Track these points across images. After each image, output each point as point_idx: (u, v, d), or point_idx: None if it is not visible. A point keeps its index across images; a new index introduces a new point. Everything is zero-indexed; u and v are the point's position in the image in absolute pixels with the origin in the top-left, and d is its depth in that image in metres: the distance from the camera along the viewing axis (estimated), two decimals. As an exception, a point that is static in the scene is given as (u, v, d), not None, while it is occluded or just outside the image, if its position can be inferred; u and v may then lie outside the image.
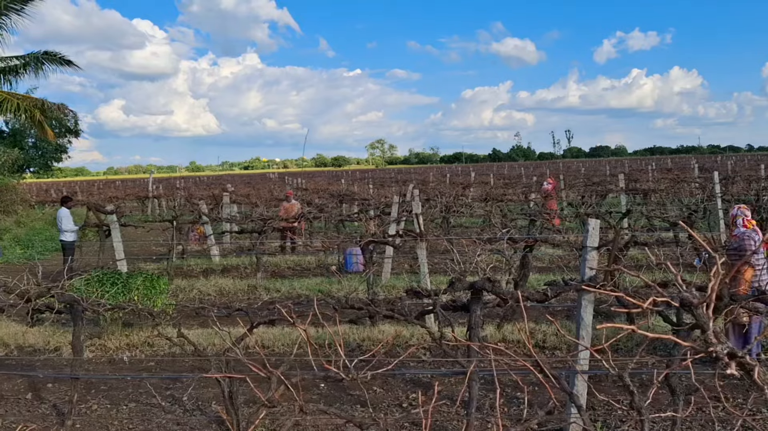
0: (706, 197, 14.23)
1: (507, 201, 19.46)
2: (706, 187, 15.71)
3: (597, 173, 39.44)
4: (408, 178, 42.89)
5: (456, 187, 26.45)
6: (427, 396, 6.47)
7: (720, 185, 14.38)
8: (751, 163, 46.12)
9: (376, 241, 9.26)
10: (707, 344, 1.59)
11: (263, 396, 2.67)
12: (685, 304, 1.84)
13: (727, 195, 15.16)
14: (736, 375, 1.58)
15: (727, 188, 17.05)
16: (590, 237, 5.31)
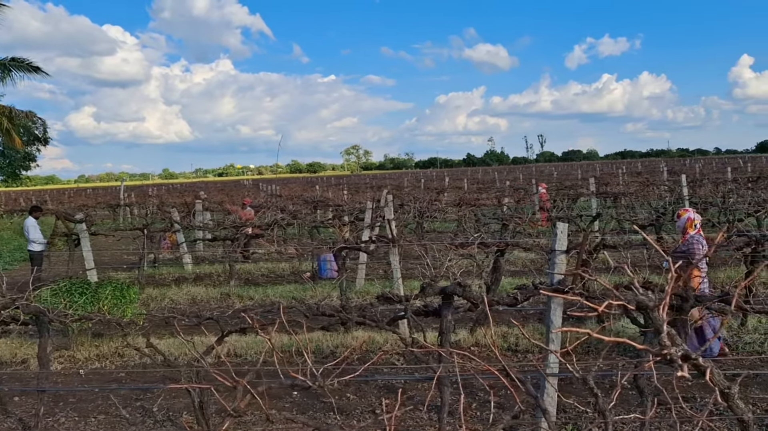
0: (675, 200, 14.46)
1: (480, 205, 19.57)
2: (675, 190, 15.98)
3: (569, 177, 39.89)
4: (383, 183, 42.97)
5: (430, 192, 26.55)
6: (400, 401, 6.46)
7: (688, 188, 14.63)
8: (718, 165, 46.99)
9: (348, 247, 9.25)
10: (662, 346, 1.62)
11: (229, 407, 2.65)
12: (641, 307, 1.87)
13: (695, 197, 15.43)
14: (688, 377, 1.61)
15: (694, 191, 17.34)
16: (559, 240, 5.37)
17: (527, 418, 5.45)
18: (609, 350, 7.47)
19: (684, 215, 7.36)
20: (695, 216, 7.32)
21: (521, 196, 22.24)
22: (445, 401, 5.01)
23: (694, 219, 7.26)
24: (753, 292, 8.27)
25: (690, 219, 7.25)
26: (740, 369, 6.87)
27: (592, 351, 7.51)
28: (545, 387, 5.10)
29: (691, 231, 7.19)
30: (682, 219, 7.31)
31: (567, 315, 5.97)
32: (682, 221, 7.30)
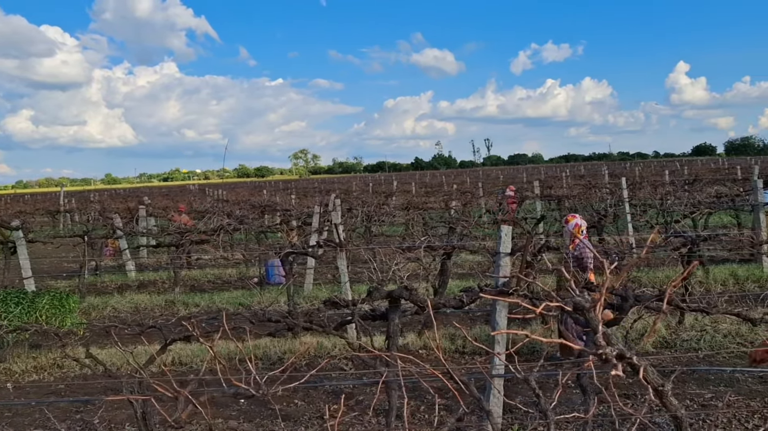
0: (615, 202, 14.86)
1: (428, 209, 19.72)
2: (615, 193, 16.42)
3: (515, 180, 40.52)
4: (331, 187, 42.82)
5: (379, 196, 26.60)
6: (348, 406, 6.45)
7: (628, 190, 15.05)
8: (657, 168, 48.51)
9: (295, 252, 9.18)
10: (597, 346, 1.65)
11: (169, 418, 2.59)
12: (577, 308, 1.91)
13: (635, 200, 15.88)
14: (621, 376, 1.65)
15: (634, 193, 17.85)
16: (503, 243, 5.45)
17: (474, 419, 5.50)
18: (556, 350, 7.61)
19: (572, 221, 7.41)
20: (582, 222, 7.40)
21: (468, 200, 22.51)
22: (392, 405, 5.02)
23: (581, 225, 7.33)
24: (689, 291, 8.56)
25: (578, 225, 7.31)
26: (678, 365, 7.09)
27: (538, 352, 7.65)
28: (491, 389, 5.16)
29: (579, 236, 7.24)
30: (570, 225, 7.36)
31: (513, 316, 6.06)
32: (570, 227, 7.34)
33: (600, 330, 1.68)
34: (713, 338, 7.77)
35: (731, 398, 6.18)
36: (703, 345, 7.62)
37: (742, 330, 7.78)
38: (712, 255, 11.65)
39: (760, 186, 11.90)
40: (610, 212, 13.85)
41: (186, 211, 19.50)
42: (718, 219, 17.53)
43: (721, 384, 6.59)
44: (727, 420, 5.70)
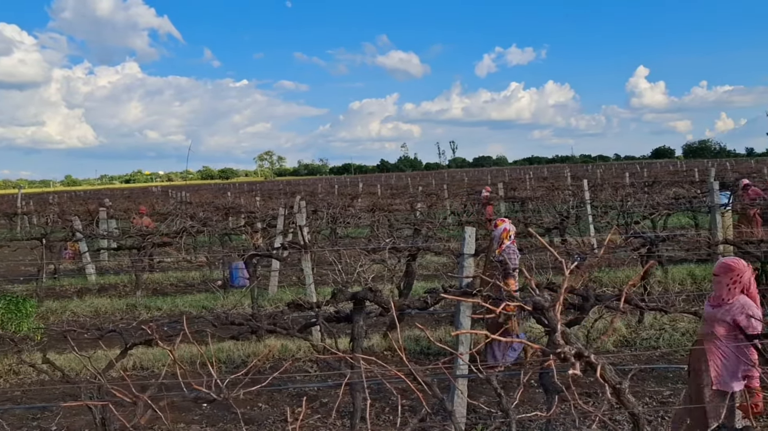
0: (577, 203, 15.08)
1: (394, 211, 19.74)
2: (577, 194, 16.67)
3: (479, 182, 40.82)
4: (297, 189, 42.58)
5: (344, 198, 26.55)
6: (312, 408, 6.42)
7: (589, 192, 15.29)
8: (618, 171, 49.36)
9: (259, 254, 9.11)
10: (555, 345, 1.67)
11: (128, 423, 2.54)
12: (537, 308, 1.93)
13: (596, 201, 16.15)
14: (579, 374, 1.67)
15: (596, 195, 18.15)
16: (467, 245, 5.49)
17: (439, 420, 5.53)
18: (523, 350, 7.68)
19: (501, 225, 7.41)
20: (510, 227, 7.41)
21: (433, 201, 22.61)
22: (357, 407, 5.01)
23: (510, 230, 7.34)
24: (648, 291, 8.73)
25: (506, 230, 7.31)
26: (638, 363, 7.23)
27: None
28: (455, 389, 5.19)
29: (506, 241, 7.26)
30: (498, 230, 7.34)
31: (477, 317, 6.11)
32: (498, 231, 7.33)
33: (559, 329, 1.70)
34: (671, 336, 7.93)
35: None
36: (661, 344, 7.78)
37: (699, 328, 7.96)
38: (670, 256, 11.89)
39: (716, 188, 12.18)
40: (572, 213, 14.06)
41: (148, 213, 19.19)
42: (676, 220, 17.92)
43: (679, 381, 6.73)
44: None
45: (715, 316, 4.40)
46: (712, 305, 4.49)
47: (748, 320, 4.17)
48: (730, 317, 4.27)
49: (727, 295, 4.35)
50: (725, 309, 4.33)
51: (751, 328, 4.17)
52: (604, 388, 1.73)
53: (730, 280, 4.36)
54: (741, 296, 4.35)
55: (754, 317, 4.16)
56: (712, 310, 4.45)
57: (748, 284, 4.36)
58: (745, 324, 4.18)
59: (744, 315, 4.22)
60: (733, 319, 4.26)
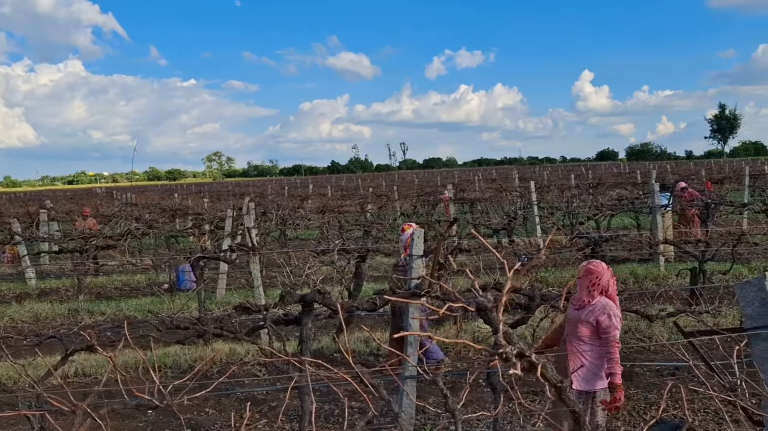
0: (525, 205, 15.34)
1: (344, 212, 19.72)
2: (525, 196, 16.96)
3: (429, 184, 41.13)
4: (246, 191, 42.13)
5: (294, 200, 26.40)
6: (261, 412, 6.36)
7: (536, 194, 15.57)
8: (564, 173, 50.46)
9: (206, 257, 8.96)
10: (498, 345, 1.70)
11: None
12: (480, 309, 1.95)
13: (543, 202, 16.45)
14: (519, 374, 1.70)
15: (542, 196, 18.50)
16: (415, 246, 5.51)
17: (388, 421, 5.54)
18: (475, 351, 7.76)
19: (408, 230, 7.16)
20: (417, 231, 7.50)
21: (384, 203, 22.67)
22: (305, 410, 4.98)
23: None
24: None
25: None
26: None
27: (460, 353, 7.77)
28: (404, 390, 5.21)
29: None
30: (405, 234, 7.19)
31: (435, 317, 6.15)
32: (405, 236, 7.17)
33: (501, 329, 1.73)
34: (615, 334, 8.13)
35: (631, 391, 6.49)
36: (605, 342, 7.96)
37: (641, 326, 8.18)
38: (613, 255, 12.20)
39: (656, 189, 12.57)
40: (519, 214, 14.29)
41: (91, 215, 18.67)
42: (619, 220, 18.41)
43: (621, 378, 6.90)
44: (627, 413, 5.98)
45: (578, 318, 4.44)
46: (575, 307, 4.54)
47: (610, 320, 4.26)
48: (593, 318, 4.33)
49: (587, 297, 4.42)
50: (588, 311, 4.38)
51: (613, 328, 4.27)
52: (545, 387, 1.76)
53: (590, 283, 4.42)
54: (602, 297, 4.41)
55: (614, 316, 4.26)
56: (576, 312, 4.49)
57: (606, 286, 4.42)
58: (606, 324, 4.26)
59: (606, 315, 4.29)
60: (596, 320, 4.31)
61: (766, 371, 2.47)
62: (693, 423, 5.63)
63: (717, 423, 5.48)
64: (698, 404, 5.93)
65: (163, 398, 2.59)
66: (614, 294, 4.47)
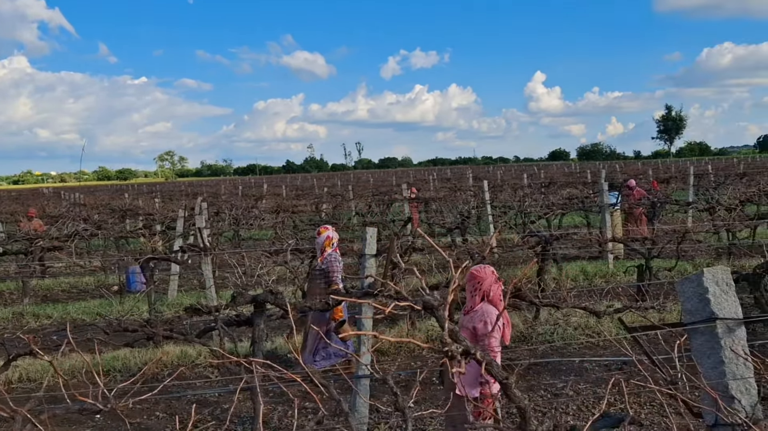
0: (478, 204, 15.51)
1: (299, 212, 19.62)
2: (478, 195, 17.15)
3: (384, 183, 41.23)
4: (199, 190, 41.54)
5: (248, 199, 26.13)
6: (212, 415, 6.27)
7: (489, 193, 15.76)
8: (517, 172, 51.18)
9: (156, 258, 8.80)
10: (443, 343, 1.71)
11: (4, 439, 2.39)
12: (427, 307, 1.96)
13: (496, 202, 16.66)
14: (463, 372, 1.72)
15: (496, 195, 18.73)
16: (368, 245, 5.52)
17: (342, 420, 5.53)
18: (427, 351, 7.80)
19: (324, 233, 7.35)
20: (334, 234, 7.37)
21: (338, 203, 22.63)
22: (257, 412, 4.93)
23: (333, 237, 7.32)
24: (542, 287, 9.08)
25: (329, 238, 7.29)
26: (533, 358, 7.51)
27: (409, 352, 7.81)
28: (357, 390, 5.21)
29: (329, 249, 7.24)
30: (321, 237, 7.31)
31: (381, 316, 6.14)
32: (321, 239, 7.29)
33: (447, 328, 1.74)
34: (565, 331, 8.28)
35: (580, 386, 6.63)
36: (556, 338, 8.11)
37: (591, 322, 8.35)
38: (564, 253, 12.43)
39: (605, 188, 12.85)
40: (473, 214, 14.43)
41: (37, 216, 18.14)
42: (570, 219, 18.76)
43: (571, 373, 7.04)
44: (576, 408, 6.10)
45: (462, 323, 4.41)
46: (464, 312, 4.50)
47: (485, 327, 4.19)
48: (472, 324, 4.29)
49: (470, 302, 4.39)
50: (470, 316, 4.35)
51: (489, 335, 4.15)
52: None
53: (473, 287, 4.36)
54: (484, 304, 4.34)
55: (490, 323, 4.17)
56: (463, 317, 4.46)
57: (488, 291, 4.34)
58: (482, 331, 4.19)
59: (482, 323, 4.24)
60: (474, 326, 4.28)
61: (704, 364, 2.55)
62: (640, 415, 5.79)
63: (662, 416, 5.64)
64: (645, 397, 6.09)
65: (107, 402, 2.53)
66: (497, 300, 4.36)
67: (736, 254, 12.29)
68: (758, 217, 11.86)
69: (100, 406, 2.51)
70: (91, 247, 16.85)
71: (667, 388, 2.58)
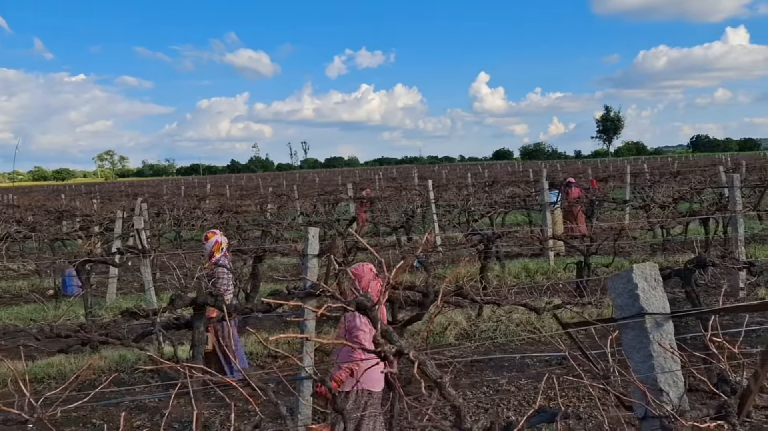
0: (423, 203, 15.62)
1: (243, 212, 19.36)
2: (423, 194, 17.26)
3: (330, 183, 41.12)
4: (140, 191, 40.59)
5: (191, 200, 25.66)
6: (153, 421, 6.13)
7: (434, 192, 15.89)
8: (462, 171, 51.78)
9: (92, 260, 8.54)
10: (376, 344, 1.71)
11: None
12: (360, 308, 1.96)
13: (441, 201, 16.80)
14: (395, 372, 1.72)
15: (440, 194, 18.89)
16: (310, 245, 5.48)
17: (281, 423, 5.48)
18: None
19: (212, 238, 7.00)
20: (222, 239, 7.05)
21: (283, 202, 22.44)
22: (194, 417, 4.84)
23: (221, 242, 7.00)
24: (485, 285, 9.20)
25: (217, 243, 6.96)
26: (477, 355, 7.61)
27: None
28: (301, 391, 5.17)
29: (217, 254, 6.92)
30: (209, 243, 6.96)
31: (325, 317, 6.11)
32: (209, 245, 6.95)
33: (379, 328, 1.74)
34: (507, 327, 8.42)
35: (522, 382, 6.75)
36: (498, 335, 8.23)
37: (532, 319, 8.51)
38: (507, 251, 12.63)
39: (546, 187, 13.12)
40: (418, 213, 14.52)
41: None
42: (512, 217, 19.07)
43: (513, 369, 7.16)
44: (518, 403, 6.21)
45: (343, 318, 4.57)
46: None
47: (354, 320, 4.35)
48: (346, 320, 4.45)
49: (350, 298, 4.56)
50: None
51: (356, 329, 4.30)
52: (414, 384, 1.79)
53: (352, 284, 4.53)
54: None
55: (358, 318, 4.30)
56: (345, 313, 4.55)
57: (366, 287, 4.47)
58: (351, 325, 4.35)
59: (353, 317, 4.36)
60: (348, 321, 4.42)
61: (634, 358, 2.62)
62: (578, 409, 5.92)
63: (599, 409, 5.79)
64: (583, 391, 6.23)
65: (34, 411, 2.44)
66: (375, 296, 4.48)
67: (669, 250, 12.73)
68: (690, 214, 12.31)
69: (25, 416, 2.42)
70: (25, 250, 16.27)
71: (600, 383, 2.64)
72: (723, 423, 2.50)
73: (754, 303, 2.86)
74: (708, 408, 2.52)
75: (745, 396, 2.40)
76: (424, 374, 1.78)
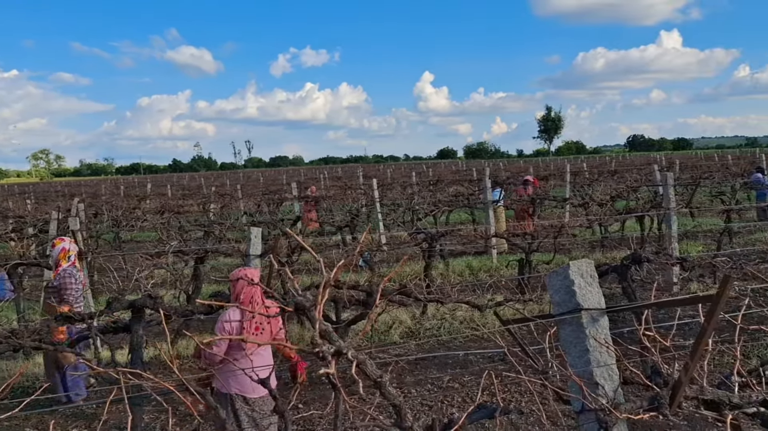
0: (368, 202, 15.63)
1: (185, 212, 18.98)
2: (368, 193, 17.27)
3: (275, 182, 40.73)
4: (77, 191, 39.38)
5: (131, 200, 25.03)
6: (90, 428, 5.96)
7: (379, 191, 15.91)
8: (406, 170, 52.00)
9: (25, 263, 8.23)
10: (314, 344, 1.70)
11: None
12: (299, 308, 1.94)
13: (386, 200, 16.85)
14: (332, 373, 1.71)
15: (385, 193, 18.94)
16: (253, 245, 5.42)
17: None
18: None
19: (58, 245, 6.55)
20: (72, 247, 6.60)
21: (227, 202, 22.11)
22: (136, 423, 4.72)
23: (70, 250, 6.55)
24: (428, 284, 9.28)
25: (64, 250, 6.52)
26: (421, 353, 7.66)
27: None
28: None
29: (64, 263, 6.48)
30: (56, 250, 6.52)
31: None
32: (55, 252, 6.50)
33: (318, 328, 1.73)
34: (451, 325, 8.51)
35: (465, 379, 6.83)
36: (442, 332, 8.31)
37: (475, 316, 8.63)
38: (451, 249, 12.75)
39: (489, 186, 13.31)
40: (362, 212, 14.52)
41: None
42: (456, 216, 19.29)
43: (457, 366, 7.24)
44: (461, 399, 6.28)
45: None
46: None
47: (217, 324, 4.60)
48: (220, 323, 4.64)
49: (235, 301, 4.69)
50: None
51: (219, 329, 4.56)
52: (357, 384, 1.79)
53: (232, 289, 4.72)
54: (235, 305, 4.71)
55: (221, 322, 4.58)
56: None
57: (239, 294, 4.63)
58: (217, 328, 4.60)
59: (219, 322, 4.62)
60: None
61: (571, 353, 2.68)
62: (521, 404, 6.03)
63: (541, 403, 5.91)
64: (525, 386, 6.35)
65: (-41, 423, 2.33)
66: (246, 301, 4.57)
67: (607, 247, 13.09)
68: (627, 212, 12.69)
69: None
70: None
71: (539, 378, 2.69)
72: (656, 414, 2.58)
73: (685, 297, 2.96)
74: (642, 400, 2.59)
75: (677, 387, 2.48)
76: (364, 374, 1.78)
